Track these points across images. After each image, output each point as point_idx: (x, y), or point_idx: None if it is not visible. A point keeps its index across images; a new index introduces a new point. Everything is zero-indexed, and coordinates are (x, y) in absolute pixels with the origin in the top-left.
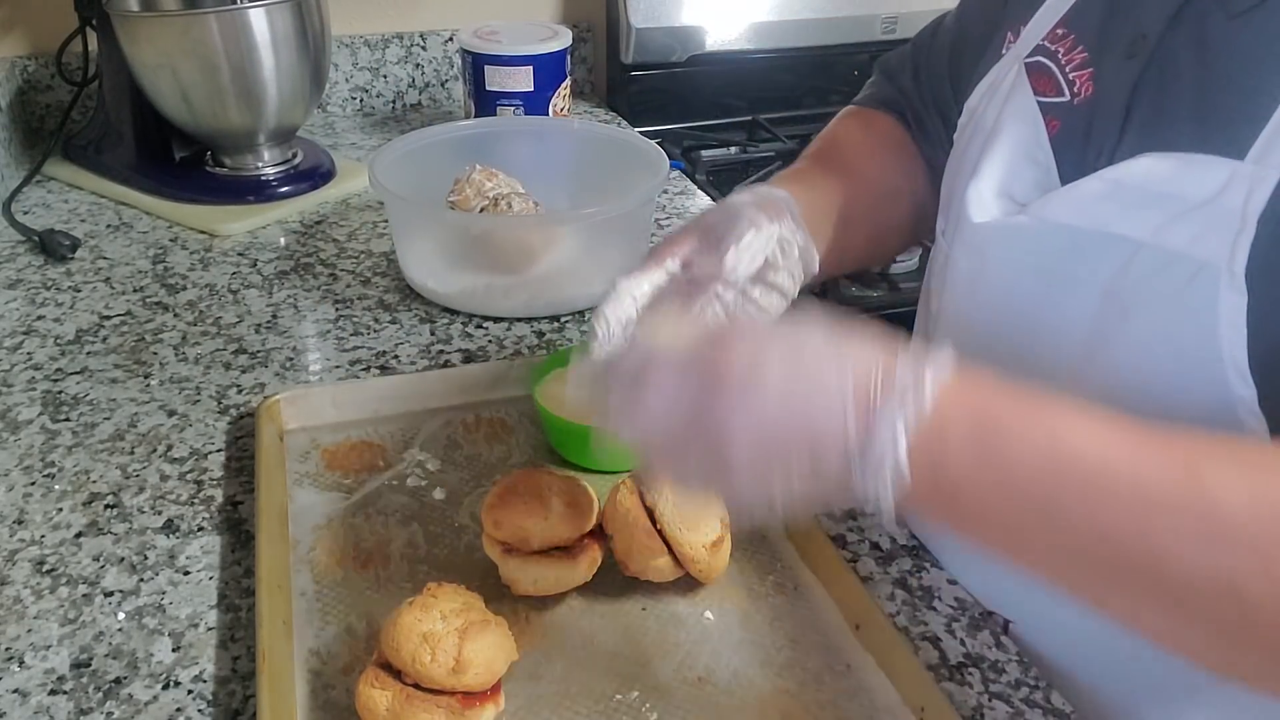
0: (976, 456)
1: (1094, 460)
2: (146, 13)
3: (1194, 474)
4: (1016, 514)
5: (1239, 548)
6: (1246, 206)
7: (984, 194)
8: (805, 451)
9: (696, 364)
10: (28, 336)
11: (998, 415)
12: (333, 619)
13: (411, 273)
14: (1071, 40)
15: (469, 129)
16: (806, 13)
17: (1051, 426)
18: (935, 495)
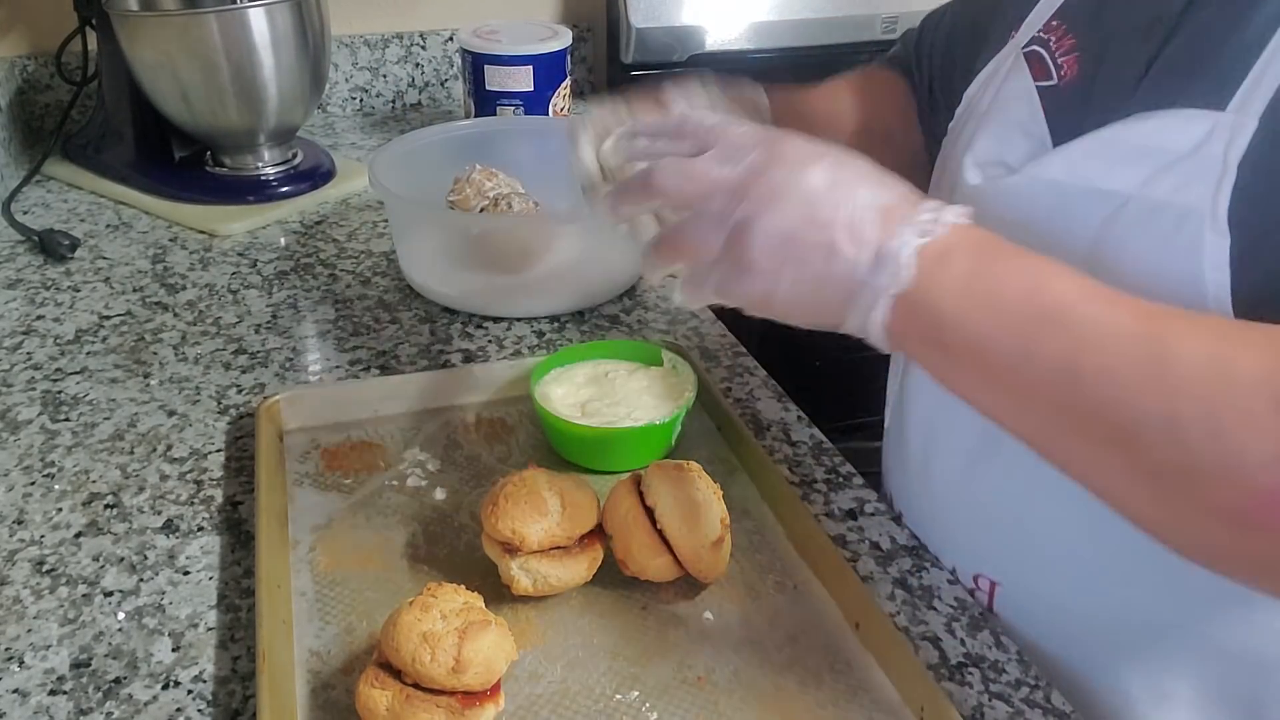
0: (969, 284)
1: (1072, 304)
2: (146, 12)
3: (1160, 330)
4: (993, 344)
5: (1188, 397)
6: (1228, 153)
7: (979, 162)
8: (824, 248)
9: (755, 141)
10: (27, 336)
11: (996, 255)
12: (333, 619)
13: (411, 273)
14: (1063, 30)
15: (468, 129)
16: (806, 13)
17: (1042, 272)
18: (923, 315)
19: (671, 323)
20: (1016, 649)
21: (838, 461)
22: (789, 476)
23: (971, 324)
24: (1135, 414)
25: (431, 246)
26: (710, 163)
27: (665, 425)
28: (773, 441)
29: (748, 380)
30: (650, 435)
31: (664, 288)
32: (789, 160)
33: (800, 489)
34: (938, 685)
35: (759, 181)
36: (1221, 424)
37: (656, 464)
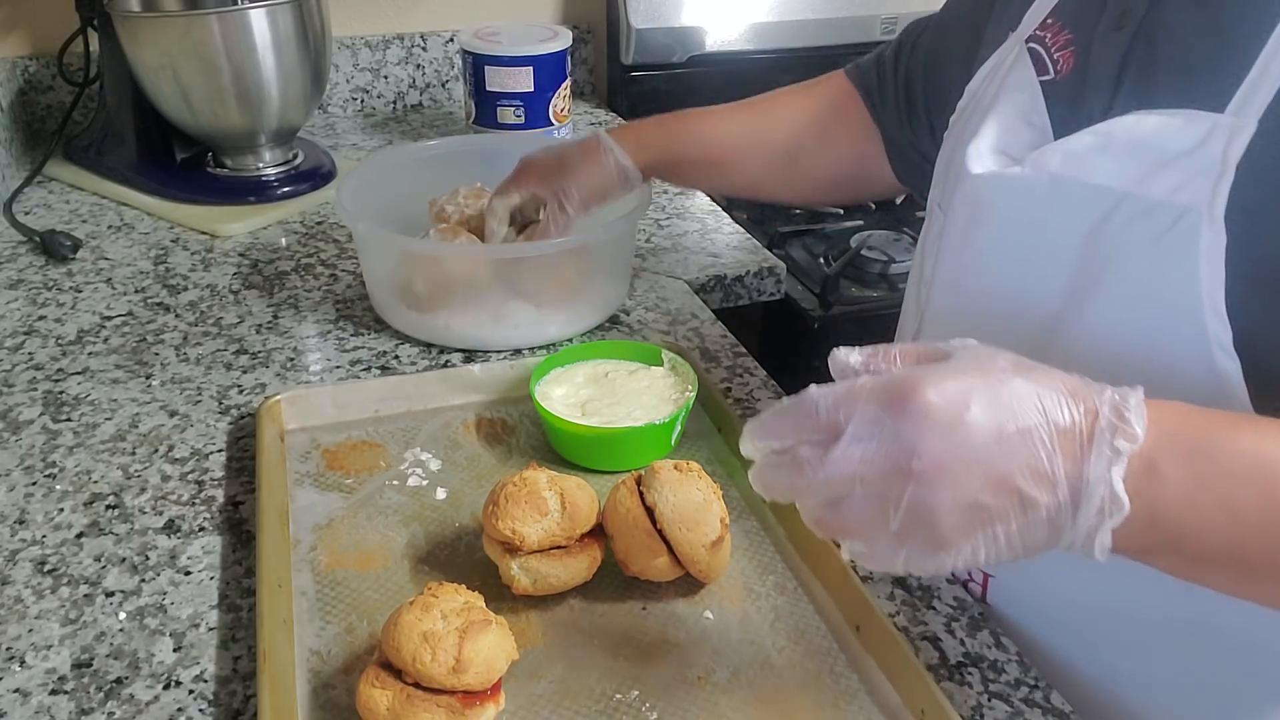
0: (1194, 498)
1: None
2: (148, 13)
3: None
4: (1240, 533)
5: None
6: (1227, 153)
7: (982, 151)
8: (1015, 505)
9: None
10: (29, 337)
11: (1204, 455)
12: (333, 619)
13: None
14: (1058, 26)
15: (436, 149)
16: (806, 13)
17: (1262, 444)
18: (1153, 528)
19: (671, 323)
20: (1016, 649)
21: None
22: None
23: (1211, 533)
24: None
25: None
26: (850, 448)
27: (665, 425)
28: None
29: (748, 380)
30: (650, 435)
31: None
32: (935, 420)
33: None
34: (937, 686)
35: (917, 457)
36: None
37: (656, 464)
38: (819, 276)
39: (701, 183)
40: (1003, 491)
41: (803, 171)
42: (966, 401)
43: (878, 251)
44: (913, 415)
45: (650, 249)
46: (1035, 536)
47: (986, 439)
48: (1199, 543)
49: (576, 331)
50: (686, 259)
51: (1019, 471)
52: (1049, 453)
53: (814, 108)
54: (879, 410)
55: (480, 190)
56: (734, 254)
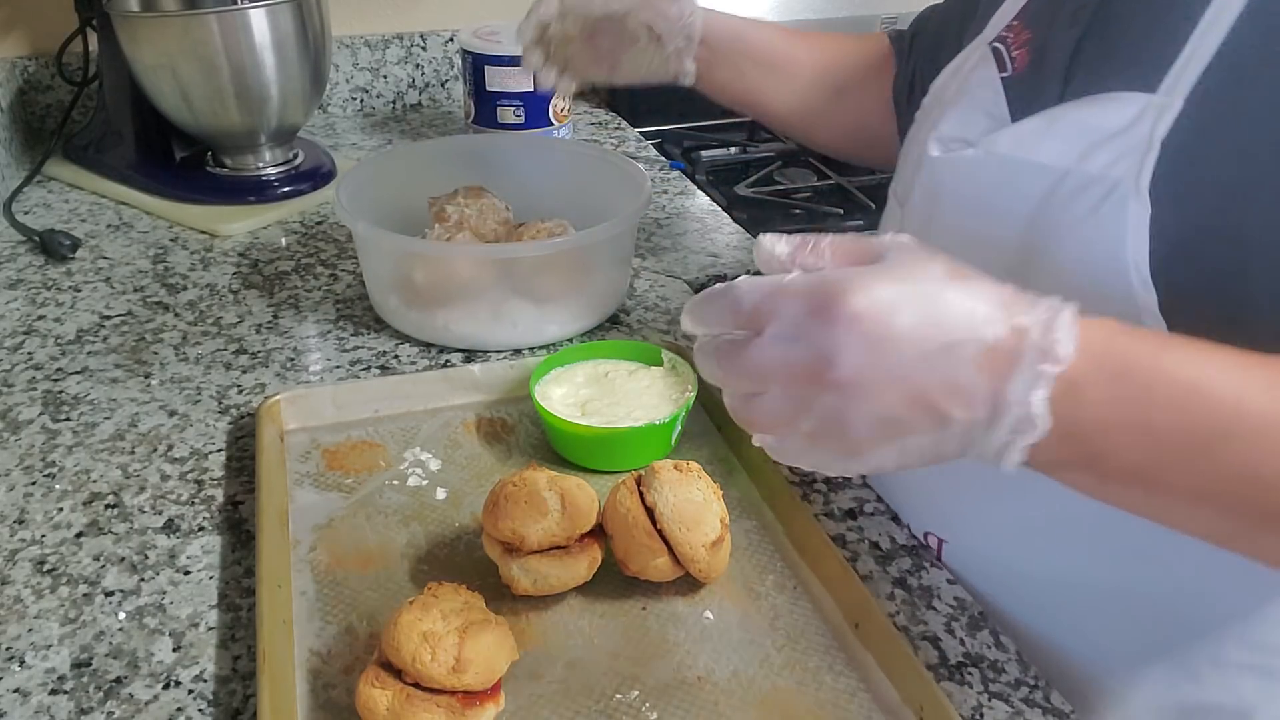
0: (1113, 404)
1: (1232, 412)
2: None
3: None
4: (1155, 456)
5: None
6: (1154, 131)
7: (943, 136)
8: (932, 419)
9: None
10: (28, 336)
11: (1130, 359)
12: (333, 619)
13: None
14: (1020, 26)
15: (435, 149)
16: (806, 13)
17: (1184, 368)
18: (1068, 446)
19: (671, 323)
20: (1016, 649)
21: None
22: (789, 476)
23: (1126, 453)
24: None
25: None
26: (769, 348)
27: (665, 425)
28: None
29: None
30: (650, 435)
31: None
32: (859, 331)
33: (800, 489)
34: (937, 685)
35: (835, 367)
36: None
37: (656, 464)
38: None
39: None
40: (919, 407)
41: (843, 109)
42: (893, 312)
43: None
44: (836, 322)
45: (650, 249)
46: (947, 449)
47: (910, 354)
48: (1113, 462)
49: (576, 331)
50: (686, 259)
51: (939, 388)
52: (971, 371)
53: (864, 54)
54: (802, 313)
55: (480, 190)
56: (734, 254)
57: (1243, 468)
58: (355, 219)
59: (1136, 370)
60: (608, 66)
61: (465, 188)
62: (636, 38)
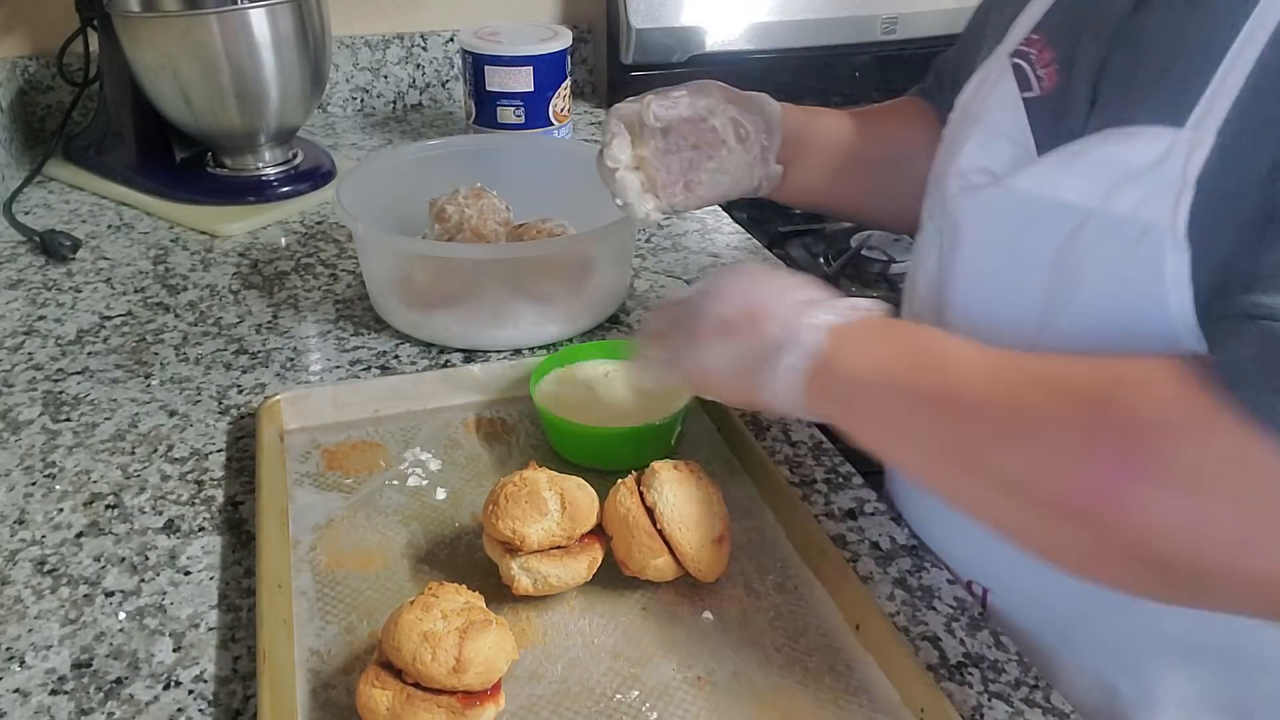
0: (865, 353)
1: (941, 350)
2: (147, 13)
3: (1010, 364)
4: (893, 404)
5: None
6: (1186, 169)
7: (964, 170)
8: (752, 328)
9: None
10: (29, 337)
11: (890, 330)
12: (333, 619)
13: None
14: (1043, 42)
15: (436, 149)
16: (806, 13)
17: (934, 340)
18: (826, 379)
19: None
20: (1016, 649)
21: (838, 461)
22: (789, 476)
23: (868, 383)
24: (983, 435)
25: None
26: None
27: (665, 425)
28: (773, 441)
29: None
30: (650, 435)
31: None
32: (735, 273)
33: (800, 489)
34: (937, 685)
35: (714, 288)
36: (1048, 429)
37: (656, 464)
38: (819, 276)
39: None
40: (748, 316)
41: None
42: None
43: (877, 251)
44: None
45: (650, 249)
46: (754, 358)
47: (760, 289)
48: (856, 393)
49: (576, 331)
50: (686, 259)
51: (766, 310)
52: (793, 308)
53: (908, 122)
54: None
55: (480, 190)
56: (734, 254)
57: (937, 396)
58: (355, 219)
59: (898, 333)
60: (683, 185)
61: (465, 188)
62: (723, 140)
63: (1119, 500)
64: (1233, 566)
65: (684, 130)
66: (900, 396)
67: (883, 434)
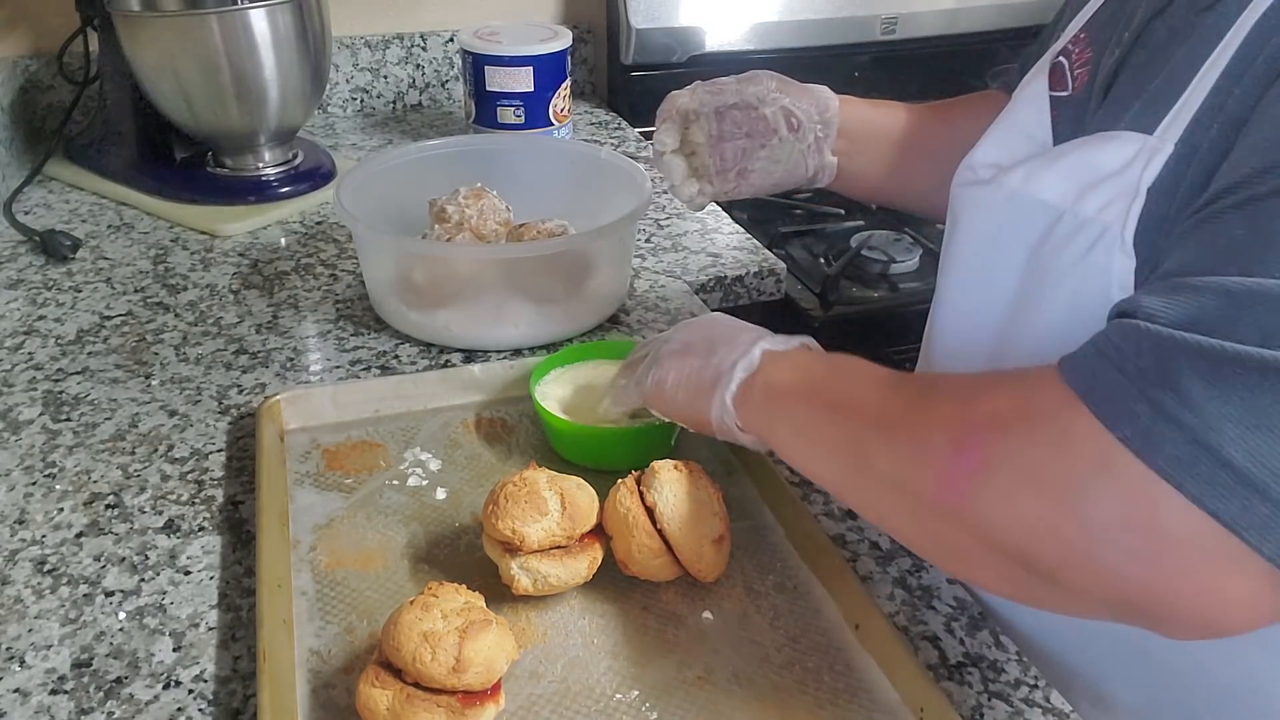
0: (791, 372)
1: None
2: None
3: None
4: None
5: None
6: (1143, 176)
7: (974, 163)
8: (707, 353)
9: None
10: (29, 336)
11: (815, 358)
12: (333, 619)
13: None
14: (1085, 42)
15: (436, 149)
16: (806, 13)
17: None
18: (757, 392)
19: (671, 323)
20: (1016, 649)
21: None
22: (789, 476)
23: (783, 393)
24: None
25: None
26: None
27: (665, 425)
28: None
29: None
30: (650, 435)
31: None
32: (707, 318)
33: (800, 489)
34: (937, 685)
35: (682, 326)
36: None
37: (656, 464)
38: (819, 276)
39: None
40: (706, 344)
41: None
42: (716, 316)
43: (878, 251)
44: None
45: (650, 249)
46: (707, 377)
47: (720, 328)
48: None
49: (576, 331)
50: (686, 259)
51: (721, 340)
52: (744, 340)
53: (978, 114)
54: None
55: (480, 190)
56: (734, 254)
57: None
58: (355, 219)
59: (819, 357)
60: (736, 172)
61: (465, 188)
62: (774, 129)
63: (969, 495)
64: (1081, 557)
65: (736, 118)
66: (805, 403)
67: (794, 441)
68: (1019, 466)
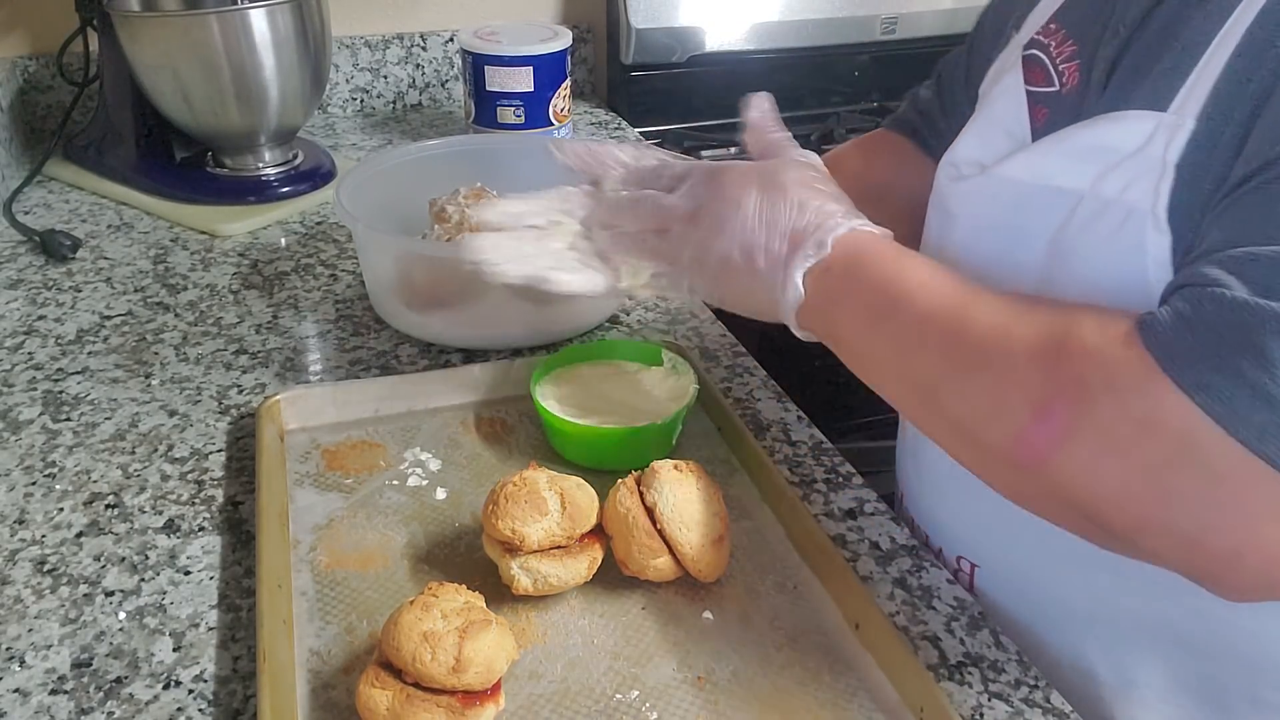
0: (839, 293)
1: (907, 292)
2: (147, 13)
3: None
4: (857, 333)
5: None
6: (1167, 153)
7: (956, 160)
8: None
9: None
10: (29, 336)
11: (860, 262)
12: (333, 619)
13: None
14: (1062, 35)
15: (436, 149)
16: (806, 13)
17: (893, 271)
18: (813, 318)
19: (671, 323)
20: (1016, 649)
21: (837, 461)
22: (789, 476)
23: (844, 320)
24: (938, 375)
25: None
26: (676, 200)
27: (665, 425)
28: (773, 441)
29: (748, 380)
30: (650, 435)
31: None
32: (726, 194)
33: (800, 489)
34: (937, 685)
35: (706, 213)
36: (992, 380)
37: (656, 464)
38: None
39: None
40: (744, 256)
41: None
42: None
43: None
44: (711, 184)
45: None
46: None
47: (749, 217)
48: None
49: (576, 331)
50: None
51: (758, 248)
52: (780, 243)
53: (873, 165)
54: (699, 180)
55: (480, 190)
56: None
57: (897, 339)
58: (355, 219)
59: (865, 263)
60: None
61: (465, 188)
62: None
63: (1048, 458)
64: (1157, 526)
65: None
66: (872, 338)
67: (860, 349)
68: (1102, 437)
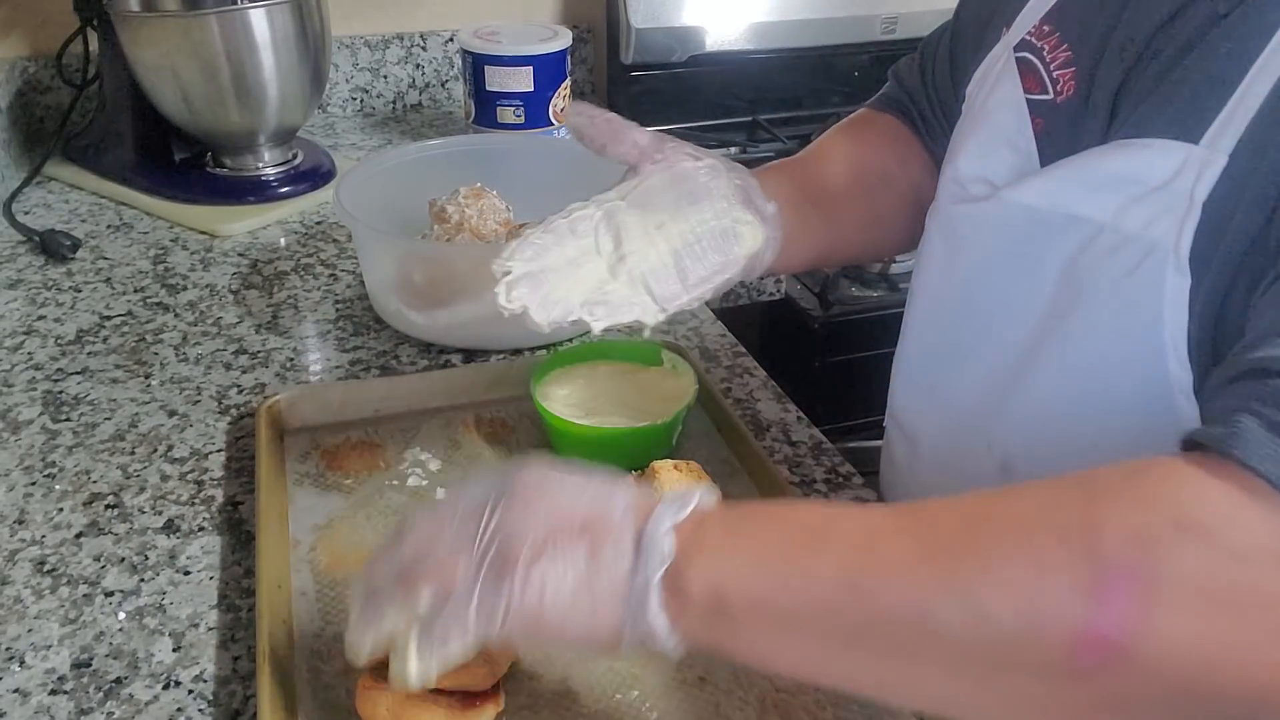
0: (730, 541)
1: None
2: (147, 13)
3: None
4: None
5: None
6: (1195, 189)
7: (961, 177)
8: (584, 547)
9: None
10: (28, 336)
11: (744, 511)
12: (333, 619)
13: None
14: (1056, 38)
15: (435, 149)
16: (806, 13)
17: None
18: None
19: (671, 323)
20: None
21: (837, 461)
22: (789, 476)
23: (745, 575)
24: (926, 604)
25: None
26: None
27: (665, 425)
28: (773, 441)
29: (748, 380)
30: (650, 435)
31: None
32: (530, 481)
33: (800, 489)
34: None
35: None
36: (1017, 581)
37: (656, 464)
38: (819, 276)
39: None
40: (573, 533)
41: (895, 196)
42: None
43: None
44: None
45: None
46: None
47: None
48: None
49: (576, 331)
50: None
51: (591, 523)
52: (622, 512)
53: (867, 150)
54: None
55: (480, 190)
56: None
57: (843, 571)
58: (355, 219)
59: (748, 509)
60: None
61: (465, 188)
62: None
63: (1128, 640)
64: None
65: None
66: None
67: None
68: (1196, 589)
